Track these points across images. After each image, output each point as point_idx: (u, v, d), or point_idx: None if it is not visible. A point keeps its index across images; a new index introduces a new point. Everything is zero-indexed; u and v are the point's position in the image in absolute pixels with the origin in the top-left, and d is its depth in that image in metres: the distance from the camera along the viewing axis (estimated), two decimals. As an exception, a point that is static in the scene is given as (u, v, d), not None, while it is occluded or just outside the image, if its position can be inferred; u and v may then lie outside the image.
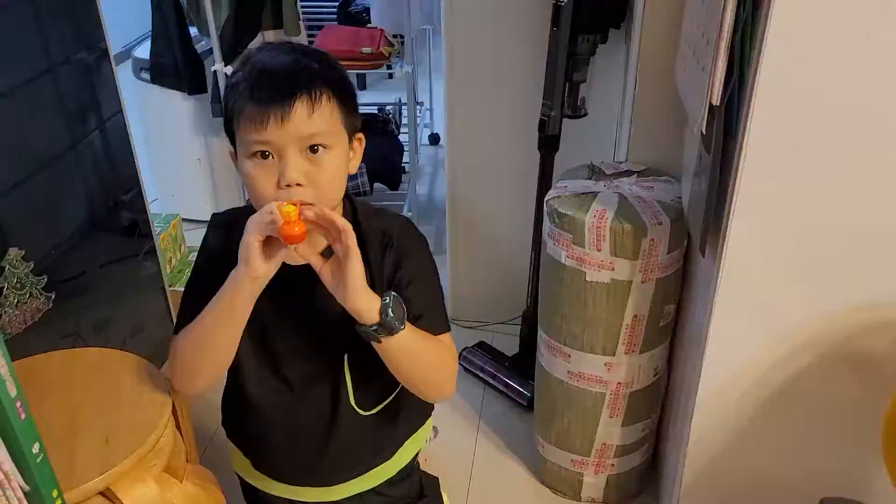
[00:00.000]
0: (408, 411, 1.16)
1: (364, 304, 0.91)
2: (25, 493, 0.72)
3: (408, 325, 0.95)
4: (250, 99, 0.90)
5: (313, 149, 0.92)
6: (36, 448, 0.73)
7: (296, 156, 0.91)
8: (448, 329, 1.06)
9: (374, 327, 0.92)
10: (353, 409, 1.09)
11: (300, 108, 0.90)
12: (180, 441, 1.18)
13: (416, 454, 1.23)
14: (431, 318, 1.03)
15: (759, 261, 1.23)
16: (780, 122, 1.11)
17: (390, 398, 1.12)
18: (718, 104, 1.15)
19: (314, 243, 0.97)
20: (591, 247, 1.49)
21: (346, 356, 1.06)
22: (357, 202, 1.06)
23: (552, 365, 1.68)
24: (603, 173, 1.65)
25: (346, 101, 0.95)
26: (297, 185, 0.91)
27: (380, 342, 0.94)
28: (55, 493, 0.77)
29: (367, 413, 1.10)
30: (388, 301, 0.92)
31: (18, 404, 0.70)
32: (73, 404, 1.10)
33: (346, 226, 0.89)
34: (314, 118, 0.91)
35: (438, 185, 3.38)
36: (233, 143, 0.98)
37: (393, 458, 1.17)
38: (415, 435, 1.20)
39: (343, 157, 0.97)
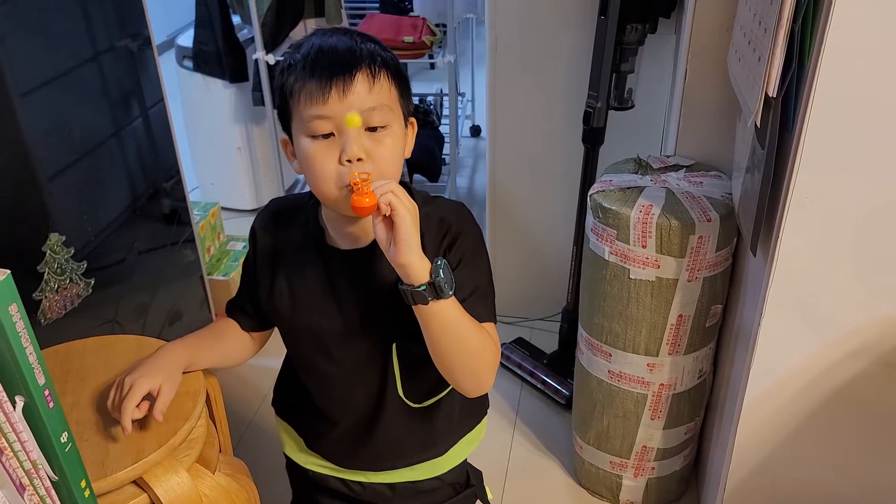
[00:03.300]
0: (461, 409, 1.14)
1: (415, 259, 0.88)
2: (53, 483, 0.71)
3: (454, 299, 0.92)
4: (312, 75, 0.90)
5: (373, 127, 0.92)
6: (64, 437, 0.72)
7: (357, 131, 0.91)
8: (493, 320, 1.03)
9: (423, 286, 0.89)
10: (402, 399, 1.08)
11: (361, 80, 0.90)
12: (214, 432, 1.18)
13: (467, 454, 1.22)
14: (476, 303, 0.99)
15: (813, 261, 1.18)
16: (840, 116, 1.06)
17: (443, 394, 1.11)
18: (775, 96, 1.09)
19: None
20: (636, 243, 1.44)
21: (394, 345, 1.05)
22: (414, 188, 1.05)
23: (592, 364, 1.64)
24: (650, 167, 1.60)
25: (402, 82, 0.96)
26: (359, 160, 0.91)
27: (427, 303, 0.90)
28: (83, 483, 0.76)
29: (417, 406, 1.10)
30: (439, 263, 0.90)
31: (47, 392, 0.68)
32: (109, 391, 1.09)
33: (392, 183, 0.89)
34: (374, 91, 0.91)
35: (478, 177, 3.35)
36: (286, 128, 0.97)
37: (444, 455, 1.16)
38: (469, 434, 1.19)
39: (401, 137, 0.97)
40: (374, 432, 1.11)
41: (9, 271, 0.63)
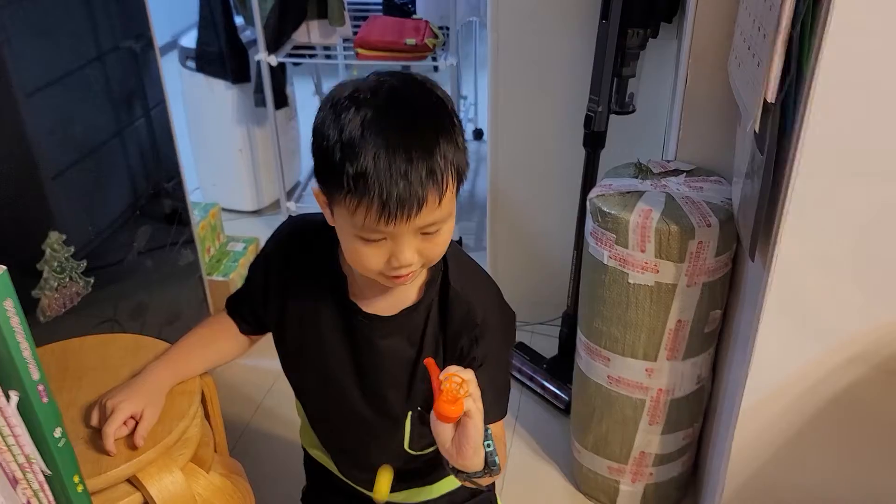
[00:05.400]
0: None
1: (478, 459, 0.85)
2: (47, 478, 0.71)
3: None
4: (377, 194, 0.79)
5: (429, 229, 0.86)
6: (58, 433, 0.72)
7: (411, 238, 0.84)
8: (504, 414, 1.02)
9: (478, 474, 0.87)
10: (407, 451, 1.08)
11: (429, 202, 0.81)
12: (209, 431, 1.18)
13: None
14: (491, 404, 0.97)
15: (811, 267, 1.18)
16: (839, 121, 1.06)
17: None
18: (774, 101, 1.09)
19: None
20: (635, 247, 1.44)
21: (410, 413, 1.04)
22: (450, 257, 0.97)
23: (591, 368, 1.63)
24: (650, 172, 1.60)
25: (464, 171, 0.87)
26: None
27: (481, 478, 0.88)
28: (76, 479, 0.76)
29: (419, 453, 1.09)
30: (490, 448, 0.87)
31: (41, 388, 0.68)
32: (105, 389, 1.09)
33: (470, 382, 0.82)
34: (439, 208, 0.83)
35: (480, 181, 3.35)
36: (320, 181, 0.87)
37: (445, 479, 1.16)
38: None
39: (453, 222, 0.89)
40: (369, 465, 1.11)
41: (5, 267, 0.63)
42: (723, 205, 1.46)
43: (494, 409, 0.98)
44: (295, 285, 1.03)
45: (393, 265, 0.85)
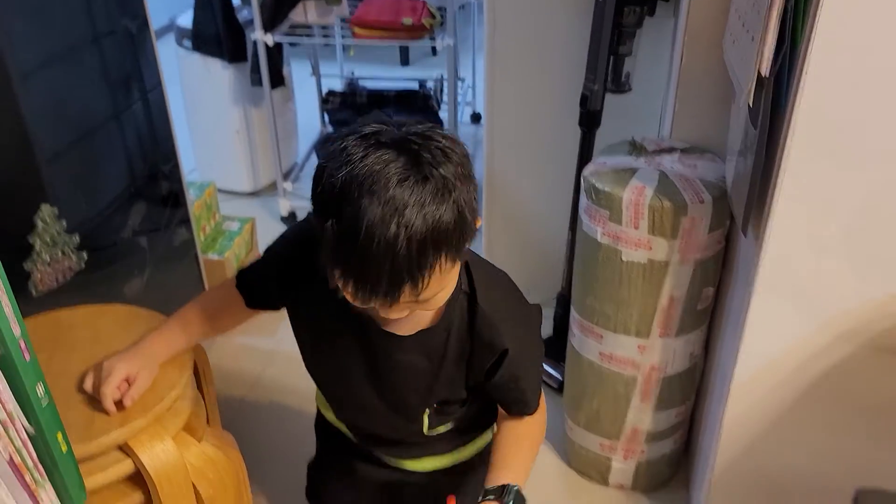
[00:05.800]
0: (475, 424, 1.16)
1: None
2: (31, 437, 0.71)
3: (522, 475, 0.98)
4: (353, 282, 0.79)
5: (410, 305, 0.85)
6: (40, 390, 0.72)
7: (396, 305, 0.83)
8: (540, 393, 1.08)
9: None
10: (423, 434, 1.09)
11: (407, 291, 0.79)
12: (201, 402, 1.18)
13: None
14: (533, 399, 1.05)
15: (803, 243, 1.18)
16: (832, 97, 1.05)
17: (459, 423, 1.13)
18: (767, 75, 1.09)
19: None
20: (629, 224, 1.44)
21: (428, 409, 1.05)
22: (473, 269, 0.96)
23: (583, 345, 1.64)
24: (644, 150, 1.59)
25: (462, 242, 0.82)
26: None
27: None
28: (60, 437, 0.76)
29: (436, 432, 1.10)
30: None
31: (23, 344, 0.68)
32: (98, 359, 1.09)
33: None
34: (422, 293, 0.80)
35: (477, 163, 3.34)
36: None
37: (458, 451, 1.18)
38: (483, 434, 1.20)
39: (455, 280, 0.87)
40: (385, 441, 1.14)
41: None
42: (716, 182, 1.46)
43: (535, 402, 1.06)
44: (312, 289, 0.98)
45: (381, 315, 0.86)
